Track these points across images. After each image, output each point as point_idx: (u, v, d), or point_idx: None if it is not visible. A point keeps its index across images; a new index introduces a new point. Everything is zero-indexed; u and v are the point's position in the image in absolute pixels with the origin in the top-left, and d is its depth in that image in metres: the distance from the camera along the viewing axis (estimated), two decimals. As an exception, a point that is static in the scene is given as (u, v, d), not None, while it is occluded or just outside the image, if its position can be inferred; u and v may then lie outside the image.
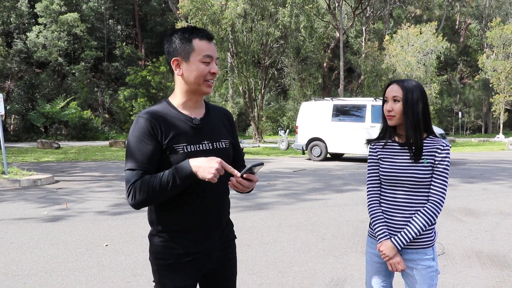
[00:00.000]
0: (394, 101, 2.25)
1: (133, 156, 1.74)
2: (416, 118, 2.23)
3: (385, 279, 2.41)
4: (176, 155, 1.76)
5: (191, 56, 1.79)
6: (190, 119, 1.84)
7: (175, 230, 1.84)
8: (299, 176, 11.86)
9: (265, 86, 28.76)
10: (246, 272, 4.39)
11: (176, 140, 1.77)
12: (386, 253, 2.25)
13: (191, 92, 1.85)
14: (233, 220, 2.29)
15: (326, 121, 16.21)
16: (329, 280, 4.20)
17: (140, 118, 1.78)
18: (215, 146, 1.88)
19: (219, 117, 2.00)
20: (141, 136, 1.75)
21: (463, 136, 39.90)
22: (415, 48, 28.19)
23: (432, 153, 2.23)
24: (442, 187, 2.22)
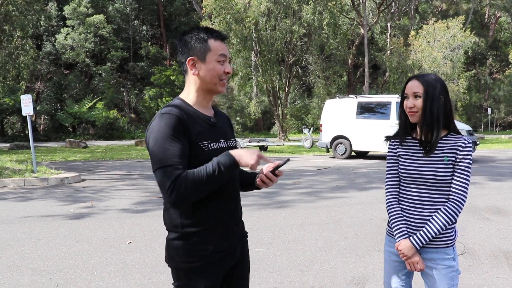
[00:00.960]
0: (415, 97, 2.20)
1: (166, 153, 1.68)
2: (436, 114, 2.18)
3: (404, 278, 2.37)
4: (202, 152, 1.78)
5: (207, 55, 1.82)
6: (207, 117, 1.87)
7: (202, 230, 1.83)
8: (323, 174, 11.79)
9: (289, 84, 28.67)
10: (267, 270, 4.38)
11: (201, 137, 1.79)
12: (404, 252, 2.21)
13: (206, 91, 1.88)
14: (255, 218, 2.37)
15: (350, 118, 16.05)
16: (350, 279, 4.16)
17: (165, 114, 1.74)
18: (228, 144, 1.93)
19: (224, 118, 2.08)
20: (171, 132, 1.70)
21: (492, 133, 38.90)
22: (442, 43, 27.63)
23: (454, 150, 2.18)
24: (463, 186, 2.16)
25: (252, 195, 8.24)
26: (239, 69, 26.81)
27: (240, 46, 25.13)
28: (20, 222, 6.55)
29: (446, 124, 2.22)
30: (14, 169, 11.40)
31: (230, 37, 24.75)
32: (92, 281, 4.16)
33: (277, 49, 25.72)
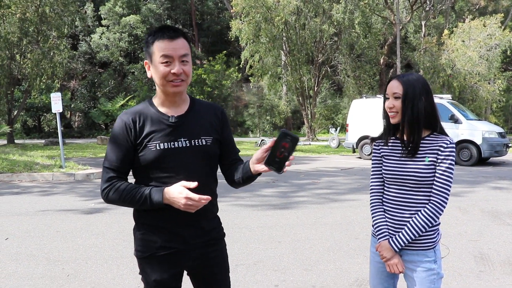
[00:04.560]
0: (395, 98, 2.18)
1: (108, 155, 1.88)
2: (416, 115, 2.15)
3: (388, 280, 2.36)
4: (148, 152, 1.84)
5: (152, 58, 1.85)
6: (166, 117, 1.88)
7: (152, 224, 1.92)
8: (345, 174, 11.69)
9: (319, 83, 28.52)
10: (271, 269, 4.40)
11: (150, 138, 1.84)
12: (383, 254, 2.21)
13: (163, 93, 1.89)
14: (268, 217, 2.35)
15: (377, 119, 15.77)
16: (354, 279, 4.14)
17: (117, 118, 1.91)
18: (193, 143, 1.90)
19: (204, 114, 2.00)
20: (115, 137, 1.87)
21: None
22: (477, 42, 26.86)
23: (435, 151, 2.15)
24: (444, 187, 2.13)
25: (269, 194, 8.27)
26: (269, 68, 26.87)
27: (269, 45, 25.18)
28: (42, 214, 6.80)
29: (429, 124, 2.20)
30: (44, 164, 11.81)
31: (260, 36, 24.83)
32: (101, 272, 4.30)
33: (306, 48, 25.65)
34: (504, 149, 14.43)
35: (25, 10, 21.91)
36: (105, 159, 1.89)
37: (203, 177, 1.89)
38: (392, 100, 2.19)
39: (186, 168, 1.87)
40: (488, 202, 7.71)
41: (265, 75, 27.21)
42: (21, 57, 23.38)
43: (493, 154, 14.30)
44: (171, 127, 1.88)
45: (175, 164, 1.86)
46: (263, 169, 1.84)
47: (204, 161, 1.94)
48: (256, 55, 26.39)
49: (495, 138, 14.23)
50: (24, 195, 8.62)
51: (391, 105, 2.19)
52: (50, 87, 26.86)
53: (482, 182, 10.19)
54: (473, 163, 13.99)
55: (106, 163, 1.88)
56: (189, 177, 1.81)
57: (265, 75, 27.21)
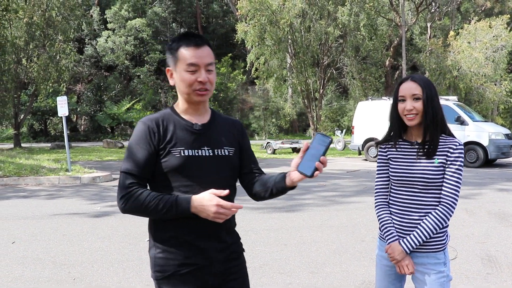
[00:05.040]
0: (415, 99, 2.16)
1: (129, 159, 1.78)
2: (436, 115, 2.16)
3: (395, 283, 2.34)
4: (172, 158, 1.76)
5: (177, 65, 1.80)
6: (190, 124, 1.83)
7: (172, 236, 1.80)
8: (351, 177, 11.66)
9: (324, 86, 28.47)
10: (277, 271, 4.39)
11: (174, 144, 1.78)
12: (394, 256, 2.18)
13: (186, 101, 1.85)
14: (274, 219, 2.32)
15: (383, 121, 15.73)
16: (360, 282, 4.12)
17: (139, 123, 1.83)
18: (216, 153, 1.84)
19: (225, 125, 1.96)
20: (137, 141, 1.78)
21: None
22: (483, 43, 26.73)
23: (444, 152, 2.14)
24: (454, 189, 2.12)
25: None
26: (274, 71, 26.86)
27: (275, 48, 25.18)
28: (48, 218, 6.82)
29: (441, 125, 2.20)
30: (50, 168, 11.87)
31: (265, 39, 24.85)
32: (107, 276, 4.30)
33: (312, 50, 25.59)
34: (510, 150, 14.35)
35: (32, 15, 22.07)
36: (124, 164, 1.79)
37: (224, 188, 1.77)
38: (412, 102, 2.16)
39: (208, 178, 1.80)
40: (495, 204, 7.66)
41: (271, 78, 27.18)
42: (27, 61, 23.53)
43: (499, 156, 14.22)
44: (195, 135, 1.83)
45: (198, 173, 1.79)
46: (298, 177, 1.76)
47: (226, 171, 1.88)
48: (261, 58, 26.37)
49: (501, 139, 14.16)
50: (30, 199, 8.66)
51: (411, 107, 2.15)
52: (56, 90, 27.00)
53: (488, 184, 10.12)
54: (480, 164, 13.92)
55: (126, 168, 1.76)
56: (210, 187, 1.74)
57: (271, 78, 27.18)
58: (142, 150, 1.77)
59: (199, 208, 1.68)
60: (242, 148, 1.98)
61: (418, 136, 2.23)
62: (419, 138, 2.22)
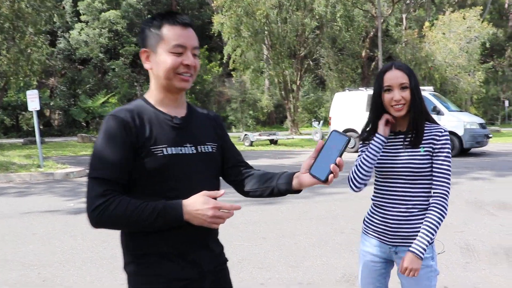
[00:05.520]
0: (402, 88, 2.03)
1: (100, 162, 1.47)
2: (422, 104, 2.07)
3: (380, 279, 2.25)
4: (153, 158, 1.49)
5: (159, 46, 1.54)
6: (169, 118, 1.58)
7: (156, 253, 1.53)
8: (330, 168, 11.62)
9: (301, 77, 28.46)
10: (257, 266, 4.30)
11: (154, 141, 1.51)
12: (413, 267, 2.00)
13: (164, 89, 1.58)
14: (252, 212, 2.16)
15: (360, 111, 15.82)
16: (341, 275, 4.05)
17: (110, 117, 1.51)
18: (199, 150, 1.61)
19: (204, 119, 1.74)
20: (109, 139, 1.48)
21: (510, 125, 38.13)
22: (458, 34, 27.07)
23: (430, 141, 2.05)
24: (446, 178, 2.03)
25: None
26: (251, 63, 26.72)
27: (251, 39, 25.01)
28: (19, 216, 6.57)
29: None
30: (21, 164, 11.52)
31: (241, 30, 24.65)
32: (79, 276, 4.14)
33: (288, 42, 25.50)
34: (484, 139, 14.58)
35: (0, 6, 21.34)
36: (94, 168, 1.47)
37: (212, 189, 1.55)
38: (400, 92, 2.03)
39: (194, 179, 1.57)
40: (472, 192, 7.72)
41: (248, 70, 27.04)
42: (-4, 55, 22.80)
43: (474, 145, 14.44)
44: (176, 130, 1.58)
45: (183, 173, 1.54)
46: (309, 181, 1.54)
47: (211, 170, 1.66)
48: (238, 50, 26.18)
49: (476, 129, 14.37)
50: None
51: (399, 97, 2.03)
52: (28, 84, 26.28)
53: (464, 173, 10.22)
54: (455, 154, 14.08)
55: (97, 172, 1.45)
56: (199, 189, 1.48)
57: (248, 70, 27.04)
58: (117, 149, 1.47)
59: (193, 213, 1.42)
60: (223, 142, 1.78)
61: (401, 125, 2.13)
62: (403, 127, 2.13)
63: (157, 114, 1.57)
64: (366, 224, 2.24)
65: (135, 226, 1.44)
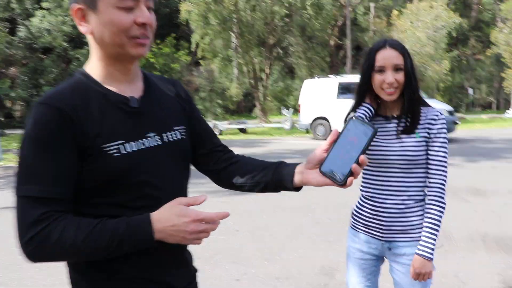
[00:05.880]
0: (397, 70, 1.81)
1: (33, 174, 1.03)
2: (417, 86, 1.86)
3: (370, 277, 2.05)
4: (107, 161, 1.06)
5: (99, 0, 1.09)
6: (123, 100, 1.14)
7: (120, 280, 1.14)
8: (301, 156, 11.50)
9: (270, 65, 28.27)
10: (231, 261, 4.08)
11: (106, 137, 1.07)
12: (426, 270, 1.82)
13: (113, 59, 1.13)
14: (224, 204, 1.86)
15: (330, 99, 15.77)
16: (319, 268, 3.88)
17: (42, 105, 1.05)
18: (165, 139, 1.20)
19: (166, 91, 1.30)
20: (43, 139, 1.03)
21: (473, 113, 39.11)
22: (425, 23, 27.38)
23: (426, 125, 1.84)
24: (443, 166, 1.84)
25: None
26: (219, 51, 26.37)
27: (219, 27, 24.64)
28: (-26, 213, 6.15)
29: None
30: (-21, 157, 10.94)
31: (209, 18, 24.22)
32: (38, 279, 3.83)
33: (257, 30, 25.25)
34: (453, 126, 14.76)
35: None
36: (24, 182, 1.03)
37: (181, 190, 1.24)
38: (393, 74, 1.81)
39: (163, 181, 1.17)
40: (444, 179, 7.71)
41: (216, 58, 26.73)
42: (-49, 43, 21.69)
43: (443, 132, 14.60)
44: (134, 116, 1.15)
45: (147, 176, 1.13)
46: (319, 181, 1.18)
47: (182, 165, 1.27)
48: (206, 38, 25.79)
49: (446, 116, 14.52)
50: (-45, 192, 7.86)
51: (392, 79, 1.80)
52: (-14, 74, 25.18)
53: (435, 160, 10.24)
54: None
55: (28, 189, 1.02)
56: (171, 195, 1.12)
57: (216, 58, 26.73)
58: (54, 154, 1.03)
59: (168, 231, 1.05)
60: (194, 120, 1.36)
61: (393, 109, 1.92)
62: (395, 111, 1.92)
63: (106, 95, 1.12)
64: (355, 218, 2.03)
65: (90, 257, 1.06)
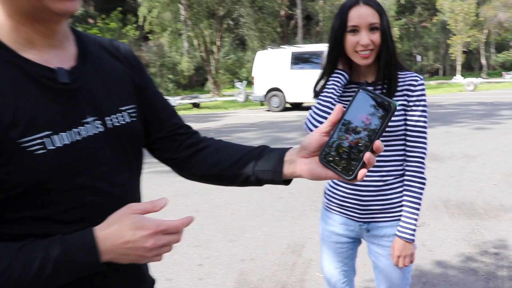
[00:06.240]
0: (372, 29, 1.57)
1: None
2: (394, 48, 1.62)
3: (347, 261, 1.86)
4: (26, 160, 0.75)
5: None
6: (47, 74, 0.81)
7: None
8: (257, 129, 11.31)
9: (221, 38, 27.69)
10: (192, 244, 3.84)
11: (24, 127, 0.76)
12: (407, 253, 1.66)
13: (28, 16, 0.78)
14: (181, 183, 1.55)
15: (284, 70, 15.58)
16: (286, 246, 3.71)
17: None
18: (109, 124, 0.89)
19: (109, 59, 0.97)
20: None
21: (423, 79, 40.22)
22: (373, -9, 27.53)
23: (404, 92, 1.63)
24: (423, 137, 1.64)
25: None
26: (168, 24, 25.51)
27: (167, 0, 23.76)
28: None
29: None
30: None
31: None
32: None
33: (206, 1, 24.52)
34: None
35: None
36: None
37: (133, 192, 0.95)
38: (368, 34, 1.56)
39: (104, 182, 0.86)
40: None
41: (165, 32, 25.85)
42: None
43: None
44: (65, 95, 0.83)
45: (85, 177, 0.83)
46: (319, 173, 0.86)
47: (131, 156, 0.95)
48: (153, 11, 24.84)
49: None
50: None
51: (367, 40, 1.56)
52: None
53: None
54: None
55: None
56: (120, 201, 0.85)
57: (165, 32, 25.85)
58: None
59: (119, 250, 0.77)
60: (145, 94, 1.02)
61: (367, 75, 1.69)
62: (369, 77, 1.69)
63: (23, 67, 0.79)
64: (328, 198, 1.82)
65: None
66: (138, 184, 1.00)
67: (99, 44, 0.98)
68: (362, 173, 0.80)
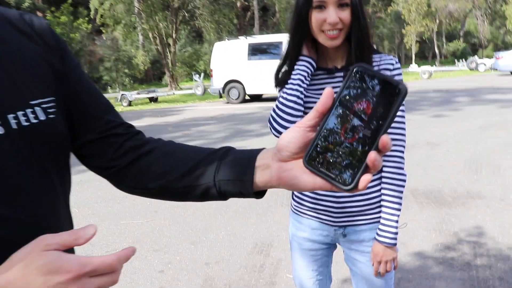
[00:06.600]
0: (341, 6, 1.33)
1: None
2: (367, 29, 1.38)
3: (322, 270, 1.65)
4: None
5: None
6: None
7: None
8: (216, 122, 11.02)
9: (177, 30, 27.09)
10: (151, 248, 3.56)
11: None
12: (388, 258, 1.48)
13: None
14: None
15: (242, 61, 15.33)
16: (252, 246, 3.49)
17: None
18: (13, 125, 0.64)
19: (18, 39, 0.71)
20: None
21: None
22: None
23: None
24: (401, 129, 1.43)
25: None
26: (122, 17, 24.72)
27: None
28: None
29: None
30: None
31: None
32: None
33: (160, -8, 23.91)
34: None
35: None
36: None
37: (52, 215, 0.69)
38: (337, 11, 1.33)
39: (7, 204, 0.62)
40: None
41: (118, 25, 25.06)
42: None
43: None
44: None
45: None
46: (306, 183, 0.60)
47: (49, 166, 0.69)
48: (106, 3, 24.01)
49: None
50: None
51: (335, 18, 1.32)
52: None
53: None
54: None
55: None
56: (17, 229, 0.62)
57: (118, 25, 25.06)
58: None
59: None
60: (69, 83, 0.76)
61: (336, 59, 1.46)
62: (339, 62, 1.46)
63: None
64: (297, 200, 1.60)
65: None
66: (63, 204, 0.73)
67: (4, 18, 0.71)
68: (365, 179, 0.55)
